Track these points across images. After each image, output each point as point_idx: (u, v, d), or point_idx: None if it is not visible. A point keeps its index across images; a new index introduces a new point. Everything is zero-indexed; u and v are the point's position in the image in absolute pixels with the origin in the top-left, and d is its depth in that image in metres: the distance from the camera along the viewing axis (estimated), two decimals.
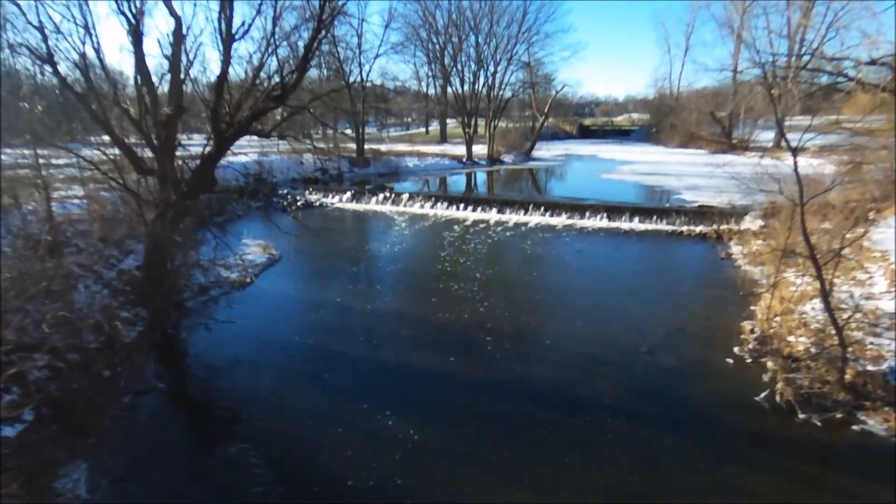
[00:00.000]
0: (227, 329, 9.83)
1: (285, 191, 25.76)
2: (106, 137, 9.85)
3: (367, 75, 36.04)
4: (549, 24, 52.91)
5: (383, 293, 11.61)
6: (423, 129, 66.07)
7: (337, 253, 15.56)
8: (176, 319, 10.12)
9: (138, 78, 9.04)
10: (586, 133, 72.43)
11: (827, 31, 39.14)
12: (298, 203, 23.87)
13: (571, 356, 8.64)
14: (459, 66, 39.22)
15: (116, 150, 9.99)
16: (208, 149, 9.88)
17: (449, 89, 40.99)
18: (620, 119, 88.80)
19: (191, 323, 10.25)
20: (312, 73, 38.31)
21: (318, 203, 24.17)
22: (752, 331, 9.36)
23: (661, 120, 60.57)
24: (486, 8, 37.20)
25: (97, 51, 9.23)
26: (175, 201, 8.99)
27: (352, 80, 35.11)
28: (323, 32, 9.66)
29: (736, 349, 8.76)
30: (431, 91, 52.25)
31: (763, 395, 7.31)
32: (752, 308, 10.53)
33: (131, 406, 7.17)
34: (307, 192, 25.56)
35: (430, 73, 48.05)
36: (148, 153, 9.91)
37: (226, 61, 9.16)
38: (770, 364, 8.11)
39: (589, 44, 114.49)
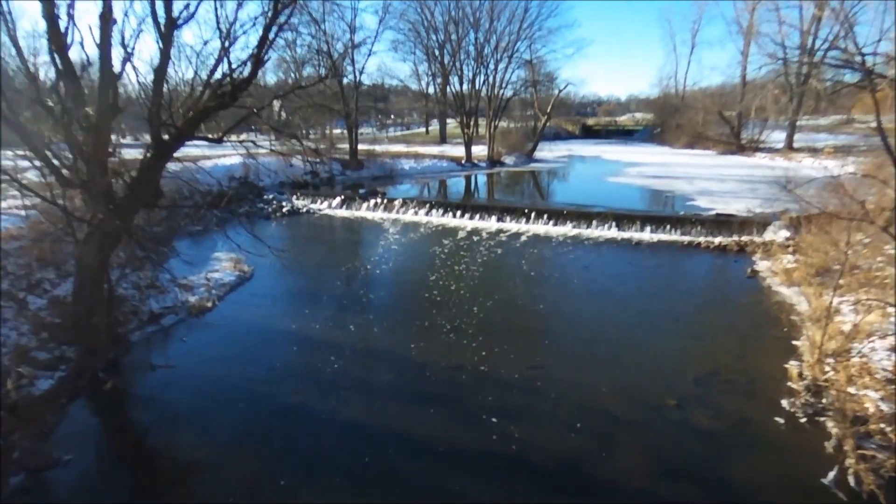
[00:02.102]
0: (172, 371, 8.26)
1: (271, 195, 24.21)
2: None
3: (361, 73, 34.40)
4: (551, 20, 51.27)
5: (361, 325, 10.00)
6: (423, 129, 64.52)
7: (316, 270, 13.98)
8: (113, 359, 8.55)
9: (58, 71, 7.46)
10: (589, 133, 70.97)
11: (842, 28, 37.36)
12: (284, 209, 22.28)
13: (584, 413, 7.04)
14: (458, 64, 37.62)
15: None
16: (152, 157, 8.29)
17: (448, 88, 39.39)
18: (624, 119, 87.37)
19: (131, 362, 8.69)
20: (307, 71, 36.81)
21: (304, 209, 22.57)
22: (800, 376, 7.74)
23: (666, 120, 59.00)
24: (487, 5, 35.60)
25: (13, 38, 7.70)
26: (103, 220, 7.41)
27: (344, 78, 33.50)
28: (284, 18, 8.09)
29: (784, 403, 7.14)
30: (431, 90, 50.56)
31: (831, 475, 5.69)
32: (795, 343, 8.94)
33: (21, 490, 5.60)
34: (295, 197, 23.99)
35: (429, 72, 46.38)
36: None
37: (165, 52, 7.58)
38: (833, 427, 6.50)
39: (593, 41, 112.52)
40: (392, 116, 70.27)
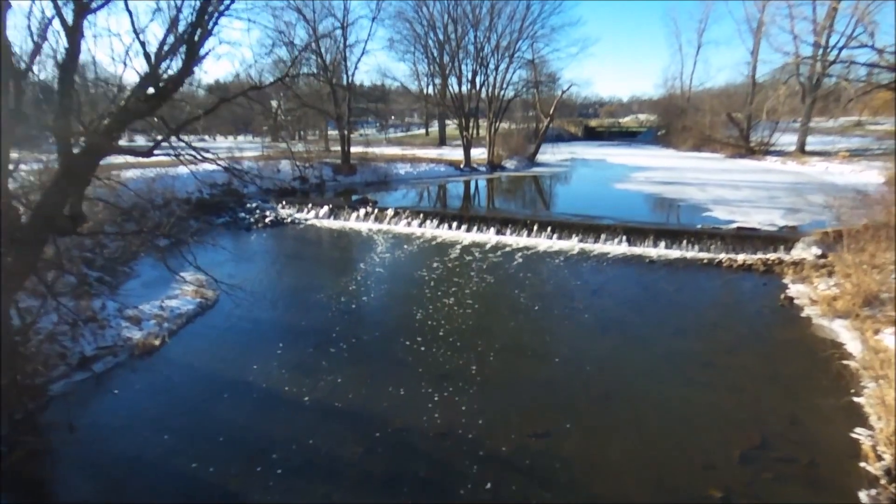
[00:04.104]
0: (91, 440, 6.69)
1: (254, 204, 22.61)
2: None
3: (353, 74, 32.80)
4: (554, 17, 49.70)
5: (331, 373, 8.36)
6: (423, 131, 63.00)
7: (288, 298, 12.34)
8: (20, 420, 6.96)
9: None
10: (591, 135, 69.62)
11: (860, 23, 35.76)
12: (267, 219, 20.69)
13: None
14: (457, 64, 36.00)
15: None
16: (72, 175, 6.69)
17: (447, 89, 37.75)
18: (627, 120, 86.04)
19: (47, 422, 7.10)
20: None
21: (290, 219, 20.98)
22: (876, 454, 6.13)
23: (671, 121, 57.51)
24: (487, 3, 33.93)
25: None
26: None
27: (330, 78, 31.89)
28: (224, 5, 6.51)
29: (863, 497, 5.53)
30: (431, 91, 48.91)
31: None
32: (857, 400, 7.33)
33: None
34: (280, 205, 22.41)
35: (429, 72, 44.73)
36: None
37: (73, 45, 6.01)
38: None
39: (599, 39, 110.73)
40: (392, 117, 68.84)
